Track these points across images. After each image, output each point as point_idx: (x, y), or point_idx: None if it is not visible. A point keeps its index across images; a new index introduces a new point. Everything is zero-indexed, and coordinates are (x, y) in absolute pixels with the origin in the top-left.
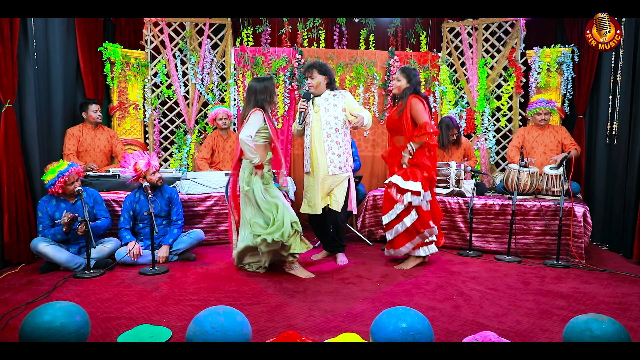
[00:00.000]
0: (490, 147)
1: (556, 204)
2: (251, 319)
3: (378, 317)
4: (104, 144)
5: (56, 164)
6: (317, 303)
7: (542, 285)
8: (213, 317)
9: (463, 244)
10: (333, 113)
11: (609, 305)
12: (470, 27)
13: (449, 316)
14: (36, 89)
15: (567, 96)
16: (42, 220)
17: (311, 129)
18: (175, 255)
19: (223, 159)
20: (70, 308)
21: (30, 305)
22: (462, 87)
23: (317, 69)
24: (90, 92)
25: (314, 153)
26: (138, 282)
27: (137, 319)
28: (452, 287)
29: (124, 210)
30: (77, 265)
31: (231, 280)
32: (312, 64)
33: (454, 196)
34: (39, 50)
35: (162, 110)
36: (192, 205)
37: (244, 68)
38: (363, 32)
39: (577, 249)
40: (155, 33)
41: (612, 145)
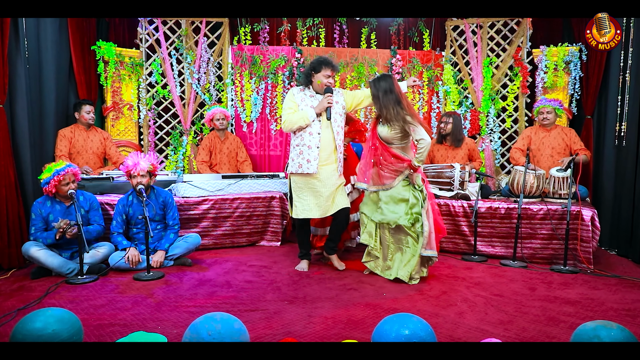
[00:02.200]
0: (496, 148)
1: (563, 208)
2: (249, 325)
3: (380, 324)
4: (96, 146)
5: (55, 164)
6: (316, 309)
7: (548, 291)
8: (210, 324)
9: (467, 248)
10: (338, 111)
11: (617, 312)
12: (475, 25)
13: (452, 323)
14: (27, 88)
15: (574, 96)
16: (35, 223)
17: (322, 127)
18: (170, 260)
19: (220, 161)
20: (62, 315)
21: (22, 311)
22: (466, 87)
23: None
24: (83, 92)
25: (325, 152)
26: (132, 288)
27: (132, 326)
28: (456, 293)
29: (116, 214)
30: (70, 270)
31: (229, 286)
32: (333, 62)
33: (458, 199)
34: (30, 49)
35: (157, 111)
36: (188, 208)
37: (242, 67)
38: (364, 30)
39: (585, 253)
40: (150, 31)
41: (620, 147)
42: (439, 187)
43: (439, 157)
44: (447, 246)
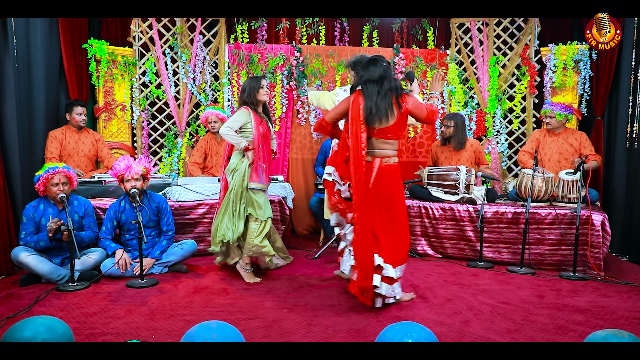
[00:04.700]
0: (502, 150)
1: (573, 212)
2: (247, 334)
3: (382, 332)
4: (88, 148)
5: (51, 163)
6: (317, 317)
7: (557, 299)
8: (206, 333)
9: (473, 254)
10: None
11: (629, 320)
12: (481, 22)
13: (457, 332)
14: (16, 88)
15: (584, 97)
16: (25, 227)
17: None
18: (165, 267)
19: (216, 163)
20: (52, 323)
21: (10, 320)
22: (472, 86)
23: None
24: (74, 92)
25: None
26: (125, 295)
27: (125, 335)
28: (461, 300)
29: (106, 220)
30: (61, 277)
31: (226, 293)
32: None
33: (463, 203)
34: (19, 48)
35: (151, 112)
36: (183, 213)
37: (239, 66)
38: (366, 28)
39: (595, 260)
40: (143, 29)
41: (632, 149)
42: (443, 190)
43: (442, 159)
44: (452, 252)
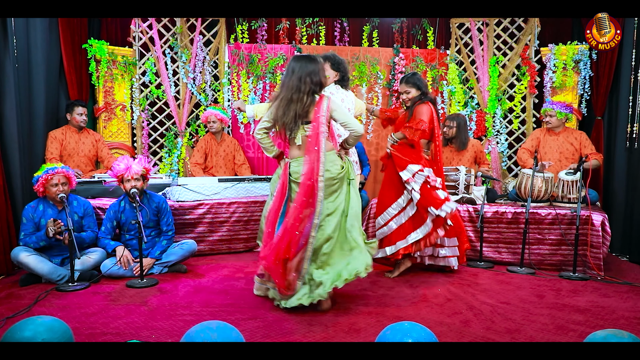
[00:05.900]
0: (502, 151)
1: (573, 212)
2: (247, 335)
3: (382, 332)
4: (88, 149)
5: (50, 163)
6: (317, 317)
7: (557, 299)
8: (206, 333)
9: (473, 254)
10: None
11: (629, 320)
12: (481, 22)
13: (457, 332)
14: (16, 89)
15: (584, 96)
16: (25, 228)
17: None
18: (165, 267)
19: (216, 163)
20: (52, 323)
21: (10, 320)
22: (472, 86)
23: (330, 62)
24: (74, 92)
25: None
26: (125, 295)
27: (125, 335)
28: (461, 300)
29: (106, 220)
30: (60, 277)
31: (226, 294)
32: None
33: (463, 203)
34: (19, 48)
35: (151, 112)
36: (183, 213)
37: (239, 66)
38: (366, 28)
39: (595, 260)
40: (143, 29)
41: (632, 149)
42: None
43: (443, 159)
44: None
